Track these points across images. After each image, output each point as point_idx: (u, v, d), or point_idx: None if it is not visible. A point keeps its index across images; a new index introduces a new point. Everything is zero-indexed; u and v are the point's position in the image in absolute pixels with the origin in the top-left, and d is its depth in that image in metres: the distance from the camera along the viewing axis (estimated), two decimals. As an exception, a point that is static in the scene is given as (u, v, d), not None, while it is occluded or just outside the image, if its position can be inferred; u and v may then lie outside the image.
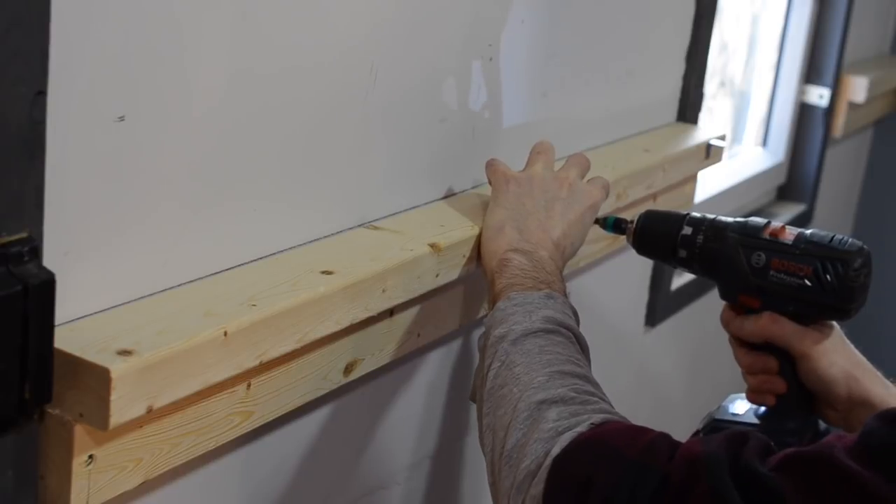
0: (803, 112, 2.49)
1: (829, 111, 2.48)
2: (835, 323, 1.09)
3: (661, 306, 1.83)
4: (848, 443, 0.80)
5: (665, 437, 0.87)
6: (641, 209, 1.49)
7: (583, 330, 1.03)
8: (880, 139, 2.95)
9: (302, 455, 1.08)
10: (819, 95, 2.47)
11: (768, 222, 1.08)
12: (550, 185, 1.12)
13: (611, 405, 0.93)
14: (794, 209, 2.52)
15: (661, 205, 1.56)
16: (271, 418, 0.97)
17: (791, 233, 1.06)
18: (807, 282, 1.04)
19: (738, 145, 2.43)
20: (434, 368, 1.24)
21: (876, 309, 2.81)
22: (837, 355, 1.07)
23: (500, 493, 0.91)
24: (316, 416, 1.07)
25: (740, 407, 1.11)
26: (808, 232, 1.07)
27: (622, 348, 1.78)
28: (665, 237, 1.12)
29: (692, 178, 1.66)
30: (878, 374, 1.08)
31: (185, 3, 0.84)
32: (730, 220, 1.10)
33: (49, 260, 0.77)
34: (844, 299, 1.04)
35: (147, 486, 0.88)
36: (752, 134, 2.47)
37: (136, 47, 0.81)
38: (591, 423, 0.88)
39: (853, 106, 2.54)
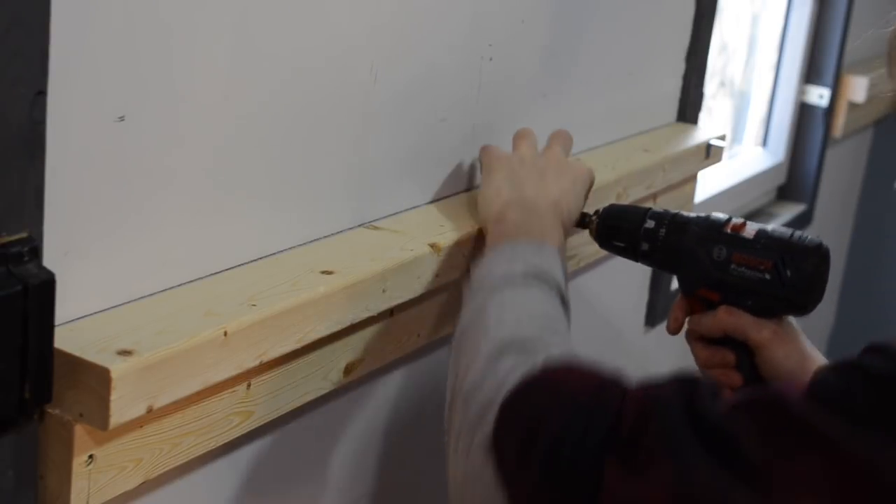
0: (803, 112, 2.49)
1: (829, 111, 2.48)
2: (791, 318, 1.10)
3: (661, 306, 1.83)
4: (801, 388, 0.79)
5: (616, 381, 0.85)
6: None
7: (583, 330, 1.03)
8: (880, 139, 2.95)
9: (302, 455, 1.08)
10: (819, 95, 2.47)
11: (730, 218, 1.10)
12: (539, 163, 1.14)
13: (573, 354, 0.92)
14: (794, 209, 2.52)
15: (661, 205, 1.56)
16: (271, 418, 0.97)
17: (752, 228, 1.08)
18: (766, 276, 1.06)
19: (738, 145, 2.43)
20: (434, 368, 1.24)
21: (877, 309, 2.82)
22: (793, 347, 1.08)
23: (451, 433, 0.90)
24: (316, 416, 1.07)
25: None
26: (769, 228, 1.08)
27: (622, 348, 1.78)
28: (628, 231, 1.13)
29: (692, 178, 1.66)
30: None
31: (185, 3, 0.84)
32: (692, 215, 1.12)
33: (49, 260, 0.77)
34: (802, 293, 1.06)
35: (147, 486, 0.88)
36: (752, 134, 2.47)
37: (136, 47, 0.81)
38: (545, 363, 0.88)
39: (853, 106, 2.54)
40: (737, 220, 1.09)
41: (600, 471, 0.79)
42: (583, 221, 1.17)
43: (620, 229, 1.14)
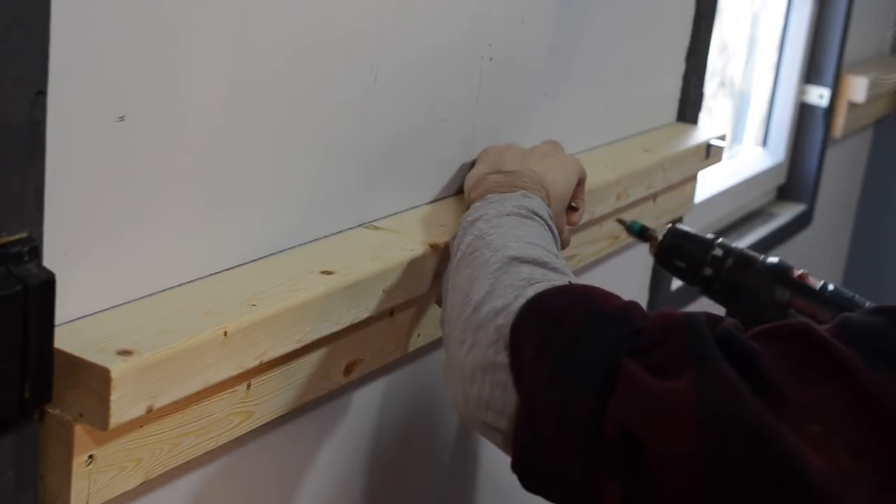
0: (803, 112, 2.49)
1: (829, 111, 2.48)
2: None
3: (660, 306, 1.83)
4: (824, 325, 0.80)
5: (639, 305, 0.87)
6: (642, 209, 1.50)
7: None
8: (880, 139, 2.95)
9: (302, 455, 1.08)
10: (819, 95, 2.47)
11: (793, 266, 1.12)
12: (525, 150, 1.17)
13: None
14: (794, 209, 2.52)
15: (661, 204, 1.56)
16: (271, 418, 0.97)
17: (817, 280, 1.10)
18: None
19: (738, 145, 2.43)
20: (434, 368, 1.24)
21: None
22: None
23: (452, 336, 0.90)
24: (316, 416, 1.07)
25: None
26: (831, 285, 1.10)
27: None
28: (695, 254, 1.15)
29: (692, 178, 1.66)
30: None
31: (186, 3, 0.84)
32: (758, 255, 1.14)
33: (49, 260, 0.77)
34: None
35: (147, 486, 0.88)
36: (752, 134, 2.47)
37: (136, 47, 0.81)
38: (569, 282, 0.89)
39: (853, 106, 2.54)
40: (801, 270, 1.11)
41: (617, 369, 0.79)
42: (644, 234, 1.18)
43: (686, 251, 1.15)
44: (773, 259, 1.12)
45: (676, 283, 1.89)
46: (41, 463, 0.80)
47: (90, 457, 0.80)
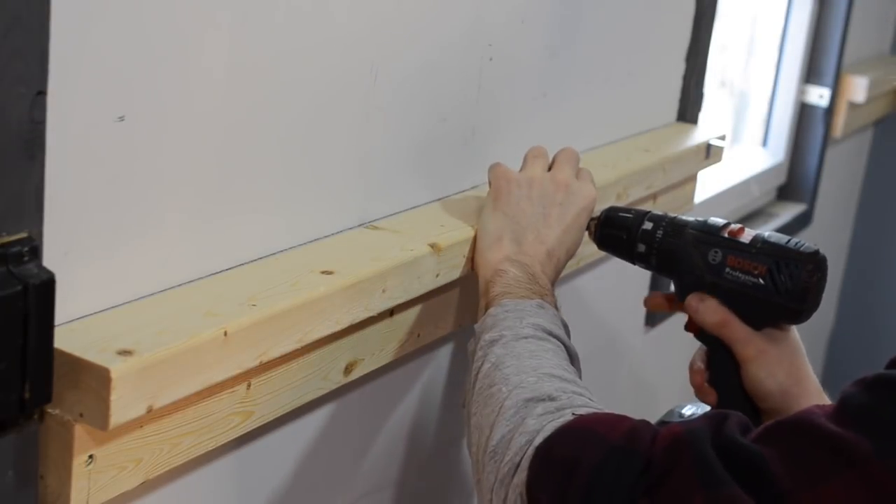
0: (803, 112, 2.49)
1: (829, 111, 2.48)
2: (797, 336, 1.09)
3: (660, 306, 1.82)
4: (827, 409, 0.80)
5: (646, 424, 0.87)
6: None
7: (583, 330, 1.03)
8: (880, 139, 2.95)
9: (302, 455, 1.08)
10: (819, 95, 2.47)
11: (728, 223, 1.09)
12: (548, 189, 1.13)
13: (598, 406, 0.94)
14: (794, 209, 2.52)
15: (661, 205, 1.56)
16: (271, 418, 0.97)
17: (749, 233, 1.08)
18: (761, 280, 1.05)
19: (738, 145, 2.43)
20: (434, 368, 1.24)
21: (877, 308, 2.82)
22: (780, 368, 1.07)
23: (483, 489, 0.92)
24: (316, 416, 1.07)
25: (688, 410, 1.15)
26: (766, 233, 1.08)
27: (622, 348, 1.77)
28: (626, 231, 1.14)
29: (692, 178, 1.66)
30: (823, 394, 1.08)
31: (186, 3, 0.84)
32: (690, 218, 1.12)
33: (49, 260, 0.77)
34: (796, 300, 1.05)
35: (147, 486, 0.88)
36: (752, 134, 2.47)
37: (136, 47, 0.81)
38: (574, 414, 0.89)
39: (853, 106, 2.54)
40: (734, 225, 1.09)
41: None
42: None
43: (619, 230, 1.14)
44: (703, 220, 1.10)
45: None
46: (41, 463, 0.80)
47: (90, 457, 0.80)
